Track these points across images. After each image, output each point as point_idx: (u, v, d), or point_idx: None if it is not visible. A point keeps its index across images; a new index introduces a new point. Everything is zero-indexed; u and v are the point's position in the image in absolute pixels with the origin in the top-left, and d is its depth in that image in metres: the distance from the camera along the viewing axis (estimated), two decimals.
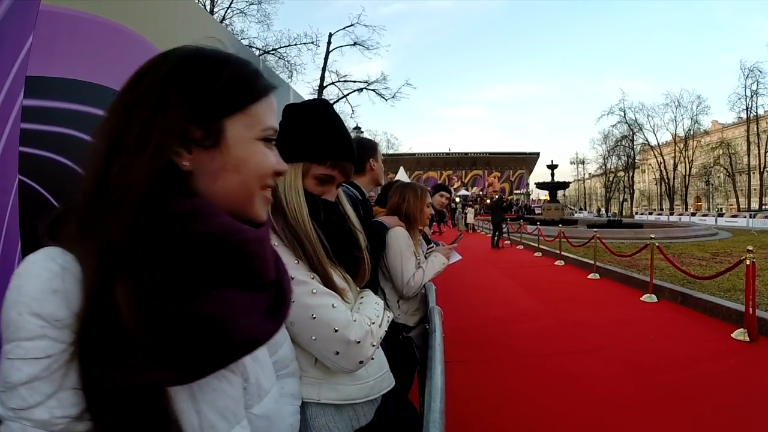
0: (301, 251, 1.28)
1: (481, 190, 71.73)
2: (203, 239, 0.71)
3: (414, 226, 2.92)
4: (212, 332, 0.68)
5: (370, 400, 1.39)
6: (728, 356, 5.00)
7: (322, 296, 1.26)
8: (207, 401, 0.76)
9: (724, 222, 36.82)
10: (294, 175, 1.37)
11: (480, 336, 6.06)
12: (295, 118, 1.45)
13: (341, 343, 1.24)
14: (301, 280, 1.25)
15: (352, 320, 1.27)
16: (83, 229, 0.68)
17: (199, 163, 0.75)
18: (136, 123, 0.70)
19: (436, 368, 1.56)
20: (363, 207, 2.54)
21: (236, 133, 0.77)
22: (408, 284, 2.71)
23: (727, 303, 6.48)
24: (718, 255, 12.91)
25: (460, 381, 4.43)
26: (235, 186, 0.78)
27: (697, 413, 3.70)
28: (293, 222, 1.31)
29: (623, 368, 4.72)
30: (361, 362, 1.28)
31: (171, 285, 0.68)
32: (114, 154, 0.69)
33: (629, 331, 6.06)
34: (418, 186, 3.10)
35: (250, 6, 30.84)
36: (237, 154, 0.77)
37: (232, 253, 0.74)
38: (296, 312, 1.21)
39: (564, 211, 33.32)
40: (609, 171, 66.17)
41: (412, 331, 2.80)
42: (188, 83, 0.74)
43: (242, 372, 0.85)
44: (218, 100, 0.75)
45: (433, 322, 2.20)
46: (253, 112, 0.79)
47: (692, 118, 58.34)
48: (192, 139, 0.74)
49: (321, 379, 1.30)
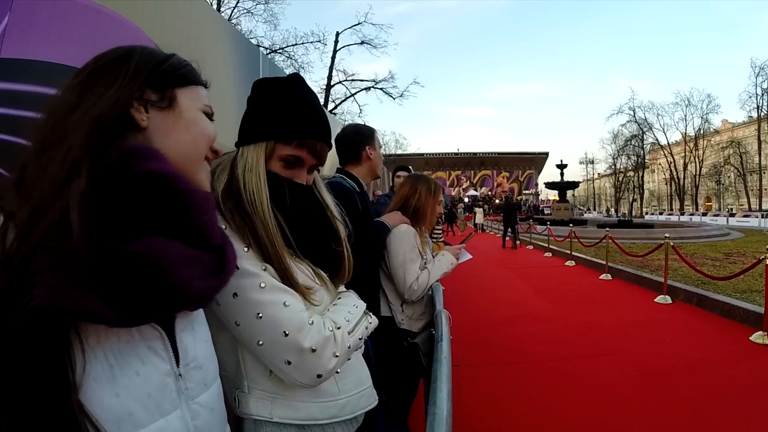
0: (251, 238, 1.11)
1: (490, 191, 71.82)
2: (151, 178, 0.73)
3: (422, 223, 2.75)
4: (150, 273, 0.69)
5: (344, 421, 1.19)
6: (747, 360, 4.86)
7: (272, 292, 1.07)
8: (127, 385, 0.71)
9: (735, 222, 36.59)
10: (256, 156, 1.20)
11: (489, 338, 5.94)
12: (262, 94, 1.28)
13: (292, 350, 1.04)
14: (248, 270, 1.06)
15: (307, 323, 1.07)
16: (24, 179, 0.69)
17: (154, 122, 0.82)
18: (99, 82, 0.77)
19: (441, 390, 1.34)
20: (360, 200, 2.37)
21: (185, 101, 0.88)
22: (411, 288, 2.53)
23: (745, 304, 6.33)
24: (731, 255, 12.73)
25: (468, 385, 4.32)
26: (186, 142, 0.86)
27: (714, 420, 3.57)
28: (248, 205, 1.13)
29: (637, 373, 4.59)
30: (320, 375, 1.07)
31: (116, 222, 0.69)
32: (76, 106, 0.73)
33: (643, 334, 5.91)
34: (432, 180, 2.90)
35: (257, 6, 30.98)
36: (187, 115, 0.87)
37: (177, 200, 0.77)
38: (241, 309, 1.04)
39: (573, 211, 33.27)
40: (618, 171, 65.95)
41: (417, 336, 2.63)
42: (145, 59, 0.84)
43: (182, 357, 0.82)
44: (170, 74, 0.87)
45: (440, 328, 2.01)
46: (197, 91, 0.92)
47: (702, 117, 58.25)
48: (148, 101, 0.82)
49: (275, 394, 1.11)
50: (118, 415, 0.68)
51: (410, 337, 2.60)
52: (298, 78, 1.32)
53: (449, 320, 2.17)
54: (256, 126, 1.23)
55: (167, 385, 0.77)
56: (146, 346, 0.76)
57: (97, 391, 0.66)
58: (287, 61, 31.35)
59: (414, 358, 2.57)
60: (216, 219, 0.89)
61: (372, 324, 1.27)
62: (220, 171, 1.19)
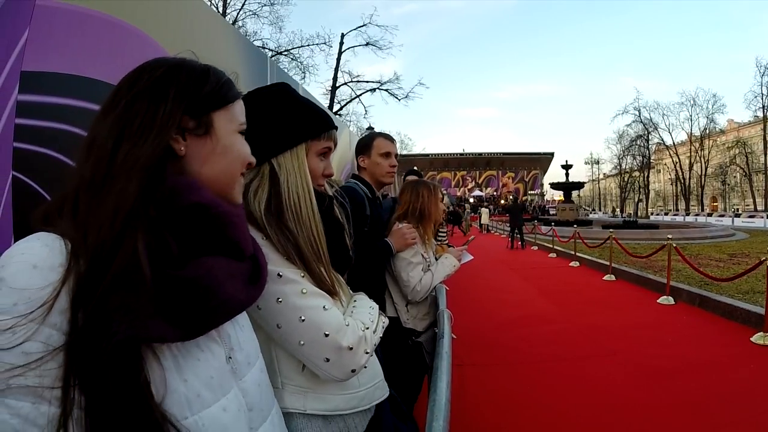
0: (294, 250, 1.21)
1: (496, 191, 71.57)
2: (194, 209, 0.82)
3: (429, 222, 2.86)
4: (203, 294, 0.78)
5: (361, 411, 1.30)
6: (747, 361, 4.89)
7: (313, 297, 1.18)
8: (192, 370, 0.80)
9: (741, 222, 36.42)
10: (298, 161, 1.30)
11: (493, 339, 5.99)
12: (268, 105, 1.36)
13: (332, 349, 1.15)
14: (290, 278, 1.17)
15: (344, 324, 1.19)
16: (78, 211, 0.75)
17: (192, 148, 0.87)
18: (138, 115, 0.80)
19: (441, 381, 1.47)
20: (371, 205, 2.49)
21: (222, 124, 0.91)
22: (414, 290, 2.64)
23: (746, 305, 6.36)
24: (735, 256, 12.72)
25: (472, 385, 4.37)
26: (222, 167, 0.91)
27: (715, 421, 3.61)
28: (292, 218, 1.24)
29: (639, 374, 4.63)
30: (354, 371, 1.19)
31: (172, 251, 0.77)
32: (120, 143, 0.78)
33: (646, 334, 5.95)
34: (429, 182, 3.07)
35: (262, 8, 31.07)
36: (224, 141, 0.91)
37: (217, 223, 0.85)
38: (284, 313, 1.15)
39: (579, 211, 33.17)
40: (624, 171, 65.87)
41: (421, 335, 2.72)
42: (183, 83, 0.86)
43: (227, 342, 0.92)
44: (207, 98, 0.89)
45: (441, 326, 2.12)
46: (232, 110, 0.94)
47: (708, 116, 58.02)
48: (186, 128, 0.86)
49: (307, 389, 1.22)
50: (189, 398, 0.77)
51: (414, 336, 2.69)
52: (285, 84, 1.43)
53: (451, 319, 2.26)
54: (284, 133, 1.31)
55: (224, 367, 0.87)
56: (205, 336, 0.84)
57: (170, 379, 0.75)
58: (293, 62, 31.43)
59: (418, 356, 2.66)
60: (247, 230, 0.97)
61: (386, 323, 1.37)
62: (257, 186, 1.26)
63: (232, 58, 3.08)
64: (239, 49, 3.34)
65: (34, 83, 1.56)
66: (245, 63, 3.39)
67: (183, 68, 0.88)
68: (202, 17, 2.65)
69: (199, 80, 0.88)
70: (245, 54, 3.45)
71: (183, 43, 2.08)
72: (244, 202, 1.19)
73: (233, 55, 3.16)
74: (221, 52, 2.78)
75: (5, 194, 1.44)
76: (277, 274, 1.14)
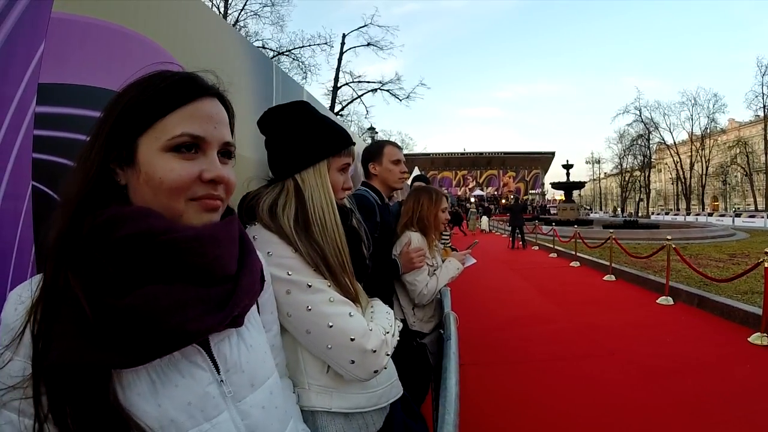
0: (323, 262, 1.29)
1: (496, 190, 71.50)
2: (128, 240, 0.79)
3: (429, 231, 2.91)
4: (144, 324, 0.76)
5: (379, 409, 1.39)
6: (745, 361, 4.93)
7: (340, 305, 1.27)
8: (167, 396, 0.81)
9: (741, 222, 36.29)
10: (321, 178, 1.38)
11: (494, 339, 6.03)
12: (295, 121, 1.44)
13: (358, 352, 1.24)
14: (318, 288, 1.26)
15: (368, 329, 1.27)
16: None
17: (128, 178, 0.85)
18: (85, 147, 0.84)
19: (450, 379, 1.56)
20: (381, 211, 2.56)
21: (146, 149, 0.83)
22: (421, 293, 2.70)
23: (744, 306, 6.39)
24: (735, 256, 12.71)
25: (474, 384, 4.42)
26: (150, 198, 0.83)
27: (713, 420, 3.65)
28: (320, 228, 1.32)
29: (638, 373, 4.68)
30: (376, 371, 1.28)
31: (111, 281, 0.77)
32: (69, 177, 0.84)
33: (645, 334, 5.99)
34: (434, 189, 3.09)
35: (263, 8, 31.11)
36: (144, 169, 0.83)
37: (164, 251, 0.80)
38: (313, 320, 1.23)
39: (579, 211, 33.07)
40: (625, 170, 65.74)
41: (426, 337, 2.79)
42: (110, 110, 0.85)
43: (222, 364, 0.90)
44: (127, 125, 0.83)
45: (448, 328, 2.19)
46: (162, 125, 0.83)
47: (709, 116, 57.81)
48: (118, 158, 0.84)
49: (332, 388, 1.31)
50: (161, 422, 0.79)
51: (420, 338, 2.76)
52: (305, 102, 1.51)
53: (457, 321, 2.33)
54: (307, 151, 1.39)
55: (209, 392, 0.86)
56: (187, 361, 0.85)
57: (141, 404, 0.78)
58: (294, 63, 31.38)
59: (422, 358, 2.73)
60: (223, 252, 0.89)
61: (400, 327, 1.46)
62: (284, 202, 1.34)
63: (239, 67, 3.12)
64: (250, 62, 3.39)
65: (50, 95, 1.60)
66: (252, 72, 3.44)
67: (120, 93, 0.86)
68: (214, 27, 2.70)
69: (121, 106, 0.84)
70: (251, 60, 3.49)
71: (192, 53, 2.13)
72: (274, 217, 1.29)
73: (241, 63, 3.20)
74: (230, 62, 2.82)
75: (26, 203, 1.49)
76: (307, 285, 1.24)
